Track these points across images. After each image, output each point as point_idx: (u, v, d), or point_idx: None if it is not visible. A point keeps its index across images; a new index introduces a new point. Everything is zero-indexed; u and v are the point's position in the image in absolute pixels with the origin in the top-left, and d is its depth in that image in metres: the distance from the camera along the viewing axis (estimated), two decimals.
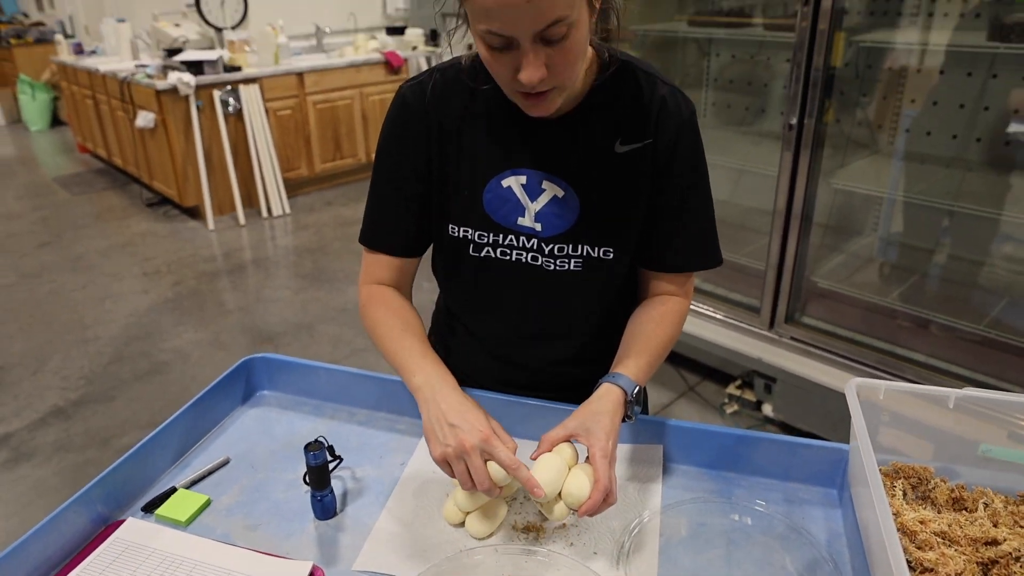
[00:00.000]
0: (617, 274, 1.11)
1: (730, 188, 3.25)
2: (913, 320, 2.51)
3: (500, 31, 0.84)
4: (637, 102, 1.03)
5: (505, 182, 1.06)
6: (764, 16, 2.87)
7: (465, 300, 1.19)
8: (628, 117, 1.03)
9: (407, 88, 1.08)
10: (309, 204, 5.54)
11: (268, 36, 5.20)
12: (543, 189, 1.05)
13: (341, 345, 3.45)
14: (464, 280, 1.15)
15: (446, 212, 1.10)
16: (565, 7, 0.82)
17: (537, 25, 0.82)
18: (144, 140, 5.31)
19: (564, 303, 1.13)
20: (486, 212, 1.07)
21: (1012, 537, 0.81)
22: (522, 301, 1.13)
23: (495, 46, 0.87)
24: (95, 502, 0.99)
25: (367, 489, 1.07)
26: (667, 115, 1.02)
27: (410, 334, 1.10)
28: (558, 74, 0.88)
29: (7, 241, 4.96)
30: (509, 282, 1.11)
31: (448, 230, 1.10)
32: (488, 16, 0.83)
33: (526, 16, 0.81)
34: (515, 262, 1.09)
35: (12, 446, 2.79)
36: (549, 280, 1.09)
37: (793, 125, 2.35)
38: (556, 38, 0.85)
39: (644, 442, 1.12)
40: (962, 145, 2.45)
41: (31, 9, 9.20)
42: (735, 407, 2.82)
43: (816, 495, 1.04)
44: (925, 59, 2.48)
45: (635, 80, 1.03)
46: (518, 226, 1.07)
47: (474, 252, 1.10)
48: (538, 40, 0.85)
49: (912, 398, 0.97)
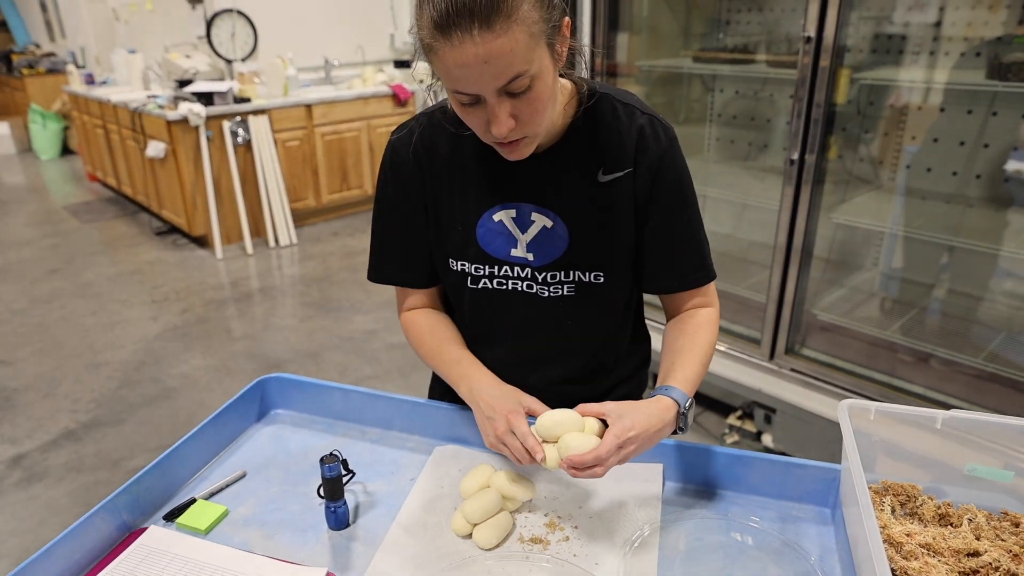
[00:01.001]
0: (611, 296, 1.17)
1: (732, 222, 3.31)
2: (912, 353, 2.55)
3: (465, 90, 0.90)
4: (616, 132, 1.08)
5: (496, 216, 1.12)
6: (768, 53, 2.96)
7: (467, 328, 1.25)
8: (608, 147, 1.08)
9: (395, 139, 1.15)
10: (316, 234, 5.61)
11: (277, 68, 5.31)
12: (532, 220, 1.11)
13: (348, 373, 3.49)
14: (466, 310, 1.22)
15: (444, 248, 1.17)
16: (523, 63, 0.87)
17: (498, 82, 0.88)
18: (154, 169, 5.41)
19: (561, 326, 1.18)
20: (480, 246, 1.14)
21: (993, 549, 0.85)
22: (521, 327, 1.20)
23: (464, 103, 0.93)
24: (120, 510, 1.04)
25: (378, 502, 1.12)
26: (645, 145, 1.08)
27: (446, 346, 1.20)
28: (526, 123, 0.94)
29: (18, 267, 5.03)
30: (507, 310, 1.18)
31: (449, 264, 1.17)
32: (451, 79, 0.89)
33: (485, 76, 0.87)
34: (511, 291, 1.16)
35: (25, 466, 2.82)
36: (545, 306, 1.16)
37: (795, 161, 2.41)
38: (520, 91, 0.90)
39: (645, 460, 1.16)
40: (962, 181, 2.51)
41: (43, 39, 9.37)
42: (735, 437, 2.85)
43: (809, 513, 1.08)
44: (927, 97, 2.55)
45: (614, 111, 1.09)
46: (511, 257, 1.13)
47: (472, 284, 1.17)
48: (503, 94, 0.90)
49: (901, 419, 1.01)
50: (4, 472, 2.79)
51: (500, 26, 0.83)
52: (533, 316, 1.18)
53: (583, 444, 0.95)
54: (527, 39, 0.86)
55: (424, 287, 1.24)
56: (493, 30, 0.83)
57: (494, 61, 0.85)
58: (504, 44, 0.84)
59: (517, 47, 0.85)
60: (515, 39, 0.84)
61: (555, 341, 1.20)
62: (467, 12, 0.82)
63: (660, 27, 3.15)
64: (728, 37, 3.13)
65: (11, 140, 8.98)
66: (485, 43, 0.83)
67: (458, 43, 0.84)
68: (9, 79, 9.01)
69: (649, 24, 3.11)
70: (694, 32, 3.23)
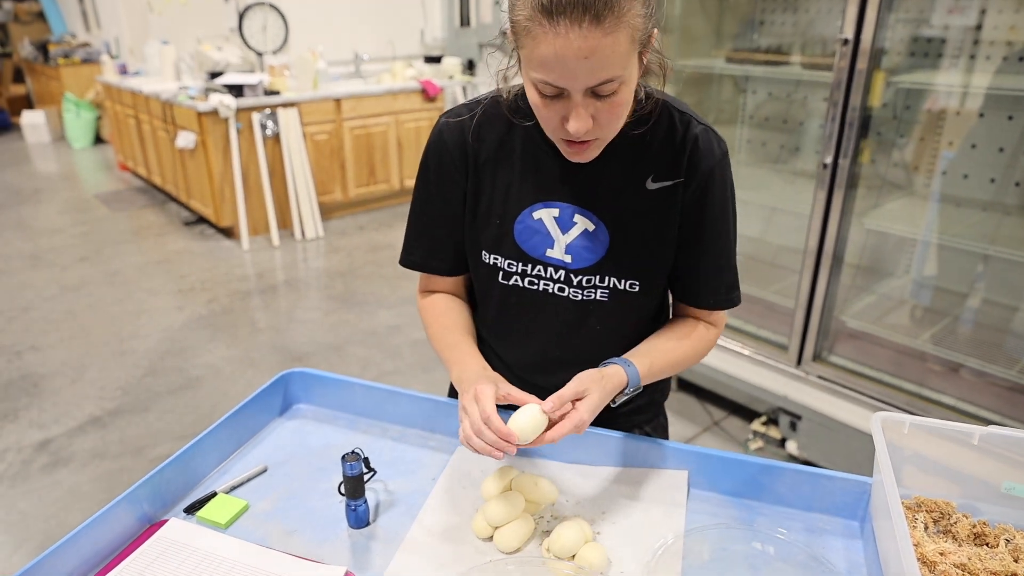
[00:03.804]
0: (643, 305, 1.15)
1: (762, 225, 3.27)
2: (943, 363, 2.50)
3: (554, 82, 0.87)
4: (671, 141, 1.06)
5: (536, 214, 1.10)
6: (802, 54, 2.91)
7: (493, 324, 1.23)
8: (661, 155, 1.06)
9: (444, 123, 1.12)
10: (342, 228, 5.63)
11: (307, 61, 5.33)
12: (575, 222, 1.09)
13: (370, 367, 3.50)
14: (493, 305, 1.20)
15: (478, 240, 1.15)
16: (619, 66, 0.86)
17: (591, 81, 0.86)
18: (183, 160, 5.45)
19: (590, 331, 1.16)
20: (516, 242, 1.12)
21: None
22: (549, 328, 1.17)
23: (547, 94, 0.91)
24: (142, 501, 1.04)
25: (399, 501, 1.11)
26: (699, 155, 1.05)
27: (449, 331, 1.18)
28: (603, 126, 0.93)
29: (50, 254, 5.10)
30: (536, 310, 1.16)
31: (481, 256, 1.15)
32: (544, 67, 0.86)
33: (581, 72, 0.85)
34: (542, 292, 1.14)
35: (51, 451, 2.86)
36: (575, 309, 1.14)
37: (828, 165, 2.38)
38: (606, 93, 0.88)
39: (670, 467, 1.14)
40: (1000, 189, 2.45)
41: (79, 30, 9.49)
42: (759, 443, 2.82)
43: (837, 526, 1.05)
44: (965, 101, 2.50)
45: (670, 118, 1.06)
46: (547, 257, 1.11)
47: (503, 280, 1.15)
48: (589, 94, 0.88)
49: (937, 434, 0.98)
50: (31, 456, 2.83)
51: (609, 24, 0.81)
52: (562, 319, 1.15)
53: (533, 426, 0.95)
54: (628, 43, 0.84)
55: (448, 275, 1.22)
56: (602, 26, 0.81)
57: (594, 58, 0.83)
58: (609, 43, 0.82)
59: (618, 48, 0.84)
60: (619, 40, 0.83)
61: (580, 344, 1.18)
62: (580, 2, 0.80)
63: (693, 27, 3.11)
64: (762, 38, 3.09)
65: (46, 128, 9.12)
66: (591, 38, 0.82)
67: (563, 32, 0.82)
68: (45, 68, 9.14)
69: (682, 24, 3.07)
70: (727, 32, 3.19)
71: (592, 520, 1.05)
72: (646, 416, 1.33)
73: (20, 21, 10.68)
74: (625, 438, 1.16)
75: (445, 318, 1.20)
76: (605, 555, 0.97)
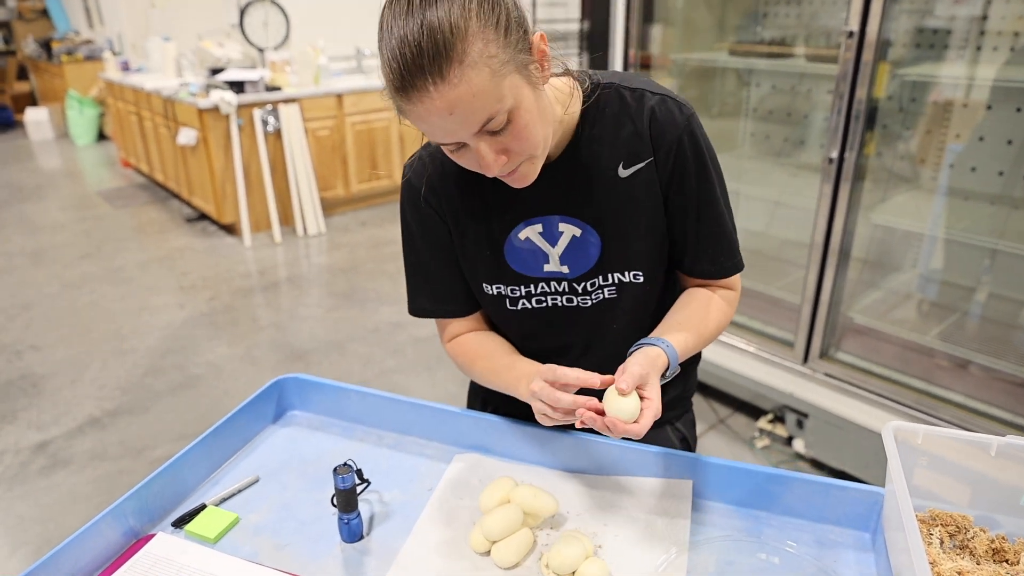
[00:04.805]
0: (653, 291, 1.12)
1: (767, 220, 3.22)
2: (952, 360, 2.46)
3: (442, 140, 0.86)
4: (629, 122, 1.01)
5: (522, 234, 1.07)
6: (806, 46, 2.86)
7: (520, 350, 1.20)
8: (623, 139, 1.02)
9: (410, 173, 1.11)
10: (344, 224, 5.60)
11: (309, 57, 5.29)
12: (561, 232, 1.06)
13: (371, 364, 3.46)
14: (513, 333, 1.19)
15: (476, 274, 1.12)
16: (492, 103, 0.82)
17: (471, 128, 0.83)
18: (185, 157, 5.42)
19: (606, 328, 1.14)
20: (511, 267, 1.09)
21: None
22: (572, 341, 1.16)
23: (451, 149, 0.89)
24: (127, 515, 1.00)
25: (394, 513, 1.07)
26: (660, 128, 1.00)
27: (496, 357, 1.14)
28: (519, 152, 0.89)
29: (52, 251, 5.08)
30: (553, 327, 1.14)
31: (484, 289, 1.13)
32: (427, 132, 0.85)
33: (455, 125, 0.82)
34: (552, 307, 1.12)
35: (50, 453, 2.84)
36: (587, 314, 1.12)
37: (833, 158, 2.33)
38: (497, 129, 0.85)
39: (674, 476, 1.11)
40: (1009, 182, 2.41)
41: (83, 27, 9.47)
42: (766, 441, 2.78)
43: (848, 538, 1.02)
44: (971, 93, 2.45)
45: (621, 99, 1.02)
46: (546, 273, 1.09)
47: (511, 307, 1.13)
48: (483, 135, 0.85)
49: (952, 444, 0.95)
50: (29, 458, 2.80)
51: (455, 75, 0.78)
52: (578, 326, 1.13)
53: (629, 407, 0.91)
54: (489, 78, 0.80)
55: (463, 315, 1.19)
56: (449, 81, 0.78)
57: (459, 110, 0.80)
58: (465, 91, 0.79)
59: (480, 90, 0.80)
60: (475, 83, 0.79)
61: (608, 347, 1.15)
62: (419, 70, 0.78)
63: (696, 19, 3.07)
64: (765, 30, 3.04)
65: (49, 125, 9.11)
66: (446, 96, 0.79)
67: (419, 100, 0.80)
68: (49, 66, 9.13)
69: (684, 16, 3.02)
70: (730, 25, 3.14)
71: (593, 533, 1.02)
72: (676, 412, 1.31)
73: (24, 19, 10.68)
74: (625, 446, 1.12)
75: (482, 350, 1.17)
76: (607, 570, 0.93)
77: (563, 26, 4.51)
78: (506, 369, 1.11)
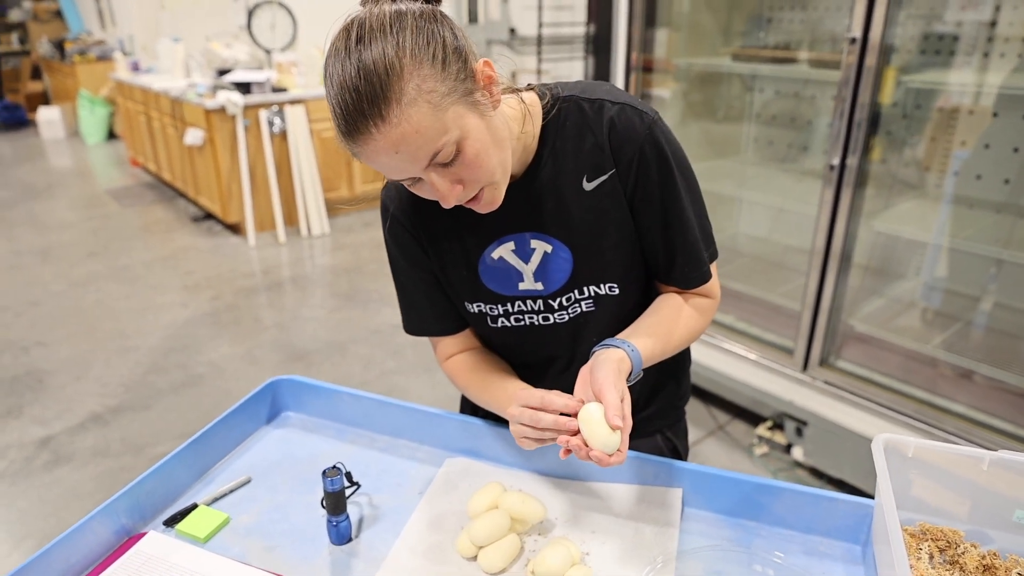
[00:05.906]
0: (627, 301, 1.11)
1: (768, 225, 3.22)
2: (954, 370, 2.44)
3: (394, 178, 0.87)
4: (590, 134, 1.00)
5: (495, 253, 1.08)
6: (810, 52, 2.86)
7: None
8: (586, 152, 1.01)
9: (384, 194, 1.12)
10: (348, 224, 5.61)
11: (315, 58, 5.31)
12: (533, 248, 1.06)
13: (372, 366, 3.47)
14: (497, 350, 1.21)
15: (458, 293, 1.13)
16: (436, 137, 0.81)
17: (419, 164, 0.83)
18: (192, 156, 5.45)
19: (587, 342, 1.13)
20: (487, 286, 1.10)
21: None
22: (548, 353, 1.17)
23: (408, 184, 0.89)
24: (119, 514, 1.01)
25: (383, 516, 1.08)
26: (620, 139, 0.99)
27: (490, 378, 1.15)
28: (475, 180, 0.88)
29: (59, 250, 5.11)
30: (531, 344, 1.16)
31: (466, 307, 1.14)
32: (377, 168, 0.85)
33: (403, 162, 0.83)
34: (528, 326, 1.12)
35: (52, 448, 2.85)
36: (566, 328, 1.12)
37: (835, 165, 2.33)
38: (447, 161, 0.85)
39: (664, 485, 1.11)
40: (1015, 190, 2.39)
41: (95, 27, 9.54)
42: (764, 449, 2.77)
43: (838, 550, 1.01)
44: (978, 100, 2.43)
45: (580, 111, 1.01)
46: (521, 292, 1.09)
47: (492, 324, 1.14)
48: (434, 167, 0.85)
49: (944, 457, 0.94)
50: (32, 453, 2.82)
51: (394, 115, 0.79)
52: (556, 341, 1.14)
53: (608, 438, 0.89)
54: (430, 113, 0.80)
55: (454, 332, 1.20)
56: (389, 122, 0.79)
57: (404, 147, 0.81)
58: (407, 129, 0.79)
59: (422, 126, 0.80)
60: (415, 120, 0.79)
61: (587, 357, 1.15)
62: (360, 114, 0.79)
63: (700, 24, 3.06)
64: (769, 35, 3.03)
65: (61, 124, 9.18)
66: (387, 136, 0.80)
67: (365, 142, 0.81)
68: (62, 66, 9.22)
69: (689, 21, 3.02)
70: (735, 30, 3.13)
71: (580, 540, 1.02)
72: (668, 420, 1.30)
73: (39, 20, 10.79)
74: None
75: (479, 371, 1.17)
76: None
77: (569, 30, 4.50)
78: (499, 389, 1.12)
